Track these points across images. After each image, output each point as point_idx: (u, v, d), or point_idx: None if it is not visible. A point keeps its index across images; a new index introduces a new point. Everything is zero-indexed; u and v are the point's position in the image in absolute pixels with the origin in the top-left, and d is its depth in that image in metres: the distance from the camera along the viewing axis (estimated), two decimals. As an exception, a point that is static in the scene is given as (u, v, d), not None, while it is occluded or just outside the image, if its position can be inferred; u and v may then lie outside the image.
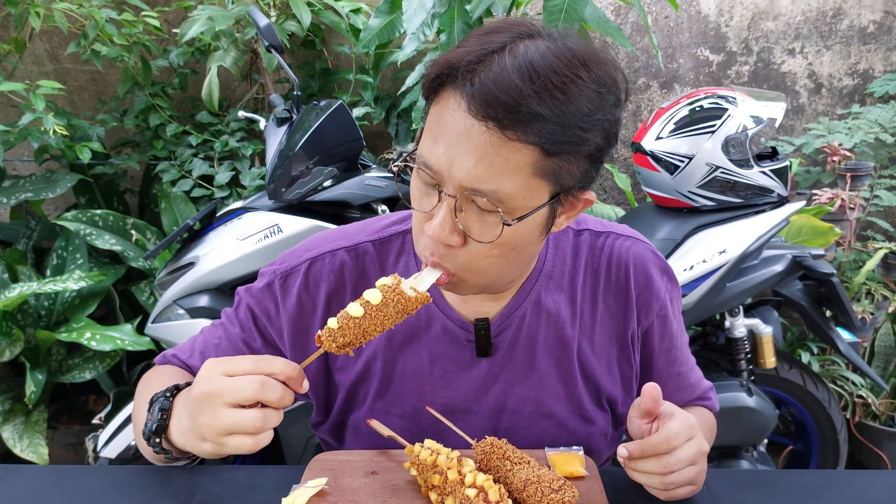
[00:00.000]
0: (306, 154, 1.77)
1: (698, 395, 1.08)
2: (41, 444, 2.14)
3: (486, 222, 0.75)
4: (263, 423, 0.69)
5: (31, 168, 2.77)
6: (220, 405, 0.70)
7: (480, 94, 0.69)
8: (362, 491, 0.83)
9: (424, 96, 0.79)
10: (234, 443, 0.70)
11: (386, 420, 0.94)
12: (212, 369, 0.73)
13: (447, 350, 0.94)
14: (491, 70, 0.69)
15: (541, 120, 0.69)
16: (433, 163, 0.74)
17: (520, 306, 0.93)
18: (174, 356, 1.02)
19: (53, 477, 0.93)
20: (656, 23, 2.81)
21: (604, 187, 2.99)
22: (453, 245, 0.76)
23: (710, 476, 0.86)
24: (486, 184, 0.72)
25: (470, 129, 0.70)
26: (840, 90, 2.85)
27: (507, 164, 0.71)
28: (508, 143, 0.70)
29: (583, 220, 0.99)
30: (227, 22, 2.23)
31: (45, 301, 2.37)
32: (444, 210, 0.75)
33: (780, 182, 1.90)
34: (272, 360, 0.72)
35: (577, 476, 0.85)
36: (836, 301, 1.94)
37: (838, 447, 2.15)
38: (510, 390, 0.94)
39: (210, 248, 1.77)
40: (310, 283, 0.94)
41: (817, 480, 0.90)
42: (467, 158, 0.71)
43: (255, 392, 0.69)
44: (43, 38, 2.70)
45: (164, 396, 0.80)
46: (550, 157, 0.72)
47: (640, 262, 0.96)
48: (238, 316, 0.98)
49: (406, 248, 0.95)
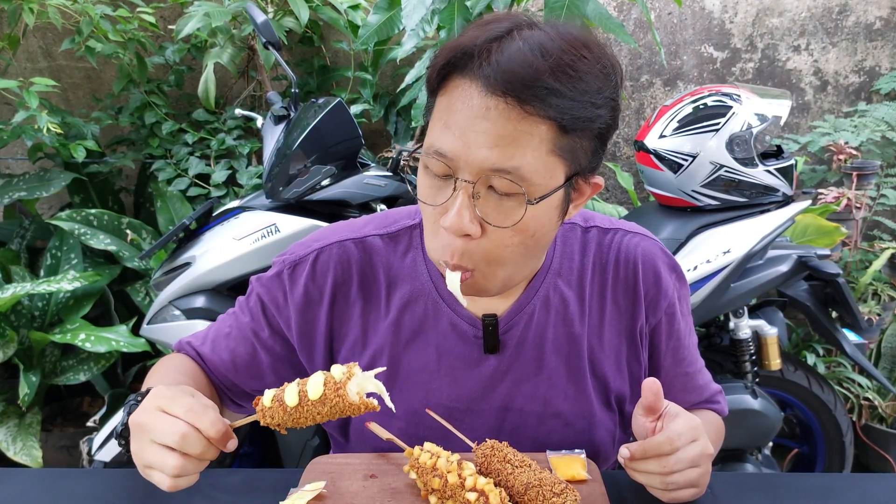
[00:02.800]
0: (304, 152, 1.76)
1: (706, 398, 1.07)
2: (35, 447, 2.13)
3: (504, 207, 0.75)
4: (181, 471, 0.70)
5: (24, 167, 2.77)
6: (146, 440, 0.71)
7: (498, 72, 0.70)
8: (361, 494, 0.82)
9: (430, 88, 0.78)
10: (154, 478, 0.72)
11: (390, 419, 0.92)
12: (151, 401, 0.74)
13: (455, 346, 0.93)
14: (505, 50, 0.71)
15: (558, 95, 0.71)
16: (447, 150, 0.74)
17: (529, 303, 0.93)
18: (188, 343, 1.02)
19: (47, 480, 0.93)
20: (659, 19, 2.81)
21: (606, 186, 2.99)
22: (472, 235, 0.76)
23: (714, 479, 0.85)
24: (509, 161, 0.72)
25: (488, 109, 0.71)
26: (846, 87, 2.85)
27: (528, 139, 0.72)
28: (528, 118, 0.71)
29: (590, 217, 0.99)
30: (223, 18, 2.21)
31: (39, 302, 2.37)
32: (461, 197, 0.74)
33: (786, 181, 1.90)
34: (203, 414, 0.71)
35: (578, 480, 0.84)
36: (842, 302, 1.94)
37: (844, 450, 2.14)
38: (517, 388, 0.94)
39: (206, 248, 1.76)
40: (317, 274, 0.94)
41: (823, 484, 0.90)
42: (486, 139, 0.72)
43: (175, 442, 0.70)
44: (37, 35, 2.69)
45: (136, 401, 0.81)
46: (566, 133, 0.74)
47: (650, 258, 0.96)
48: (249, 305, 0.99)
49: (414, 244, 0.95)
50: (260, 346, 0.97)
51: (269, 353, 0.97)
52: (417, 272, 0.93)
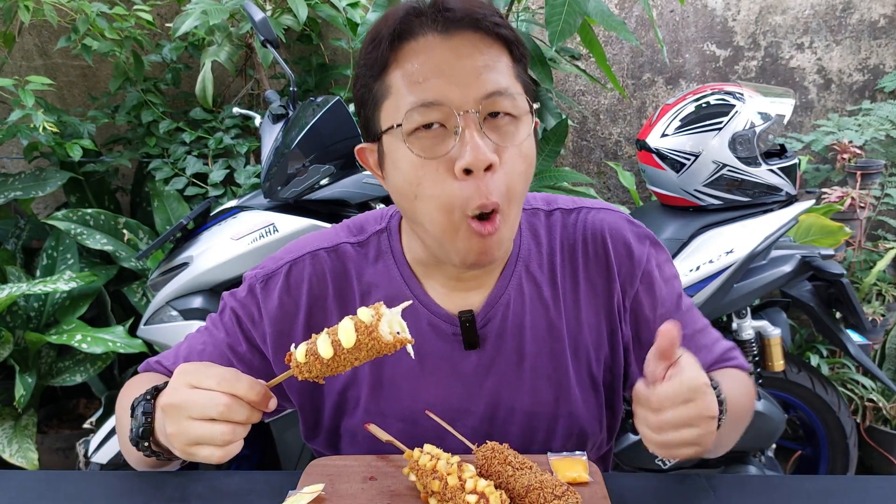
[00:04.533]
0: (302, 151, 1.75)
1: (718, 356, 1.03)
2: (31, 449, 2.12)
3: (507, 131, 0.79)
4: (232, 437, 0.71)
5: (20, 166, 2.76)
6: (185, 418, 0.71)
7: (455, 14, 0.77)
8: (360, 497, 0.82)
9: (378, 69, 0.80)
10: (202, 453, 0.71)
11: (383, 423, 0.93)
12: (179, 379, 0.74)
13: (435, 346, 0.93)
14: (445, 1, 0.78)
15: (504, 27, 0.79)
16: (435, 96, 0.76)
17: (503, 293, 0.93)
18: (158, 363, 1.01)
19: (43, 483, 0.93)
20: (661, 17, 2.81)
21: (608, 186, 2.97)
22: (493, 165, 0.77)
23: (716, 481, 0.85)
24: (497, 84, 0.77)
25: (457, 47, 0.77)
26: (850, 86, 2.84)
27: (499, 65, 0.79)
28: (493, 45, 0.79)
29: (553, 200, 1.00)
30: (221, 16, 2.20)
31: (35, 302, 2.36)
32: (470, 131, 0.76)
33: (789, 180, 1.89)
34: (237, 381, 0.72)
35: (580, 482, 0.83)
36: (846, 302, 1.93)
37: (848, 452, 2.13)
38: (502, 381, 0.94)
39: (204, 248, 1.75)
40: (291, 286, 0.94)
41: (826, 486, 0.89)
42: (469, 72, 0.76)
43: (220, 414, 0.70)
44: (32, 33, 2.68)
45: (146, 399, 0.80)
46: (517, 63, 0.81)
47: (617, 231, 0.96)
48: (223, 320, 0.98)
49: (383, 249, 0.95)
50: (237, 361, 0.96)
51: (246, 366, 0.96)
52: (390, 276, 0.94)
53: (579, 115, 2.88)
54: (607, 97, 2.89)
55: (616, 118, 2.91)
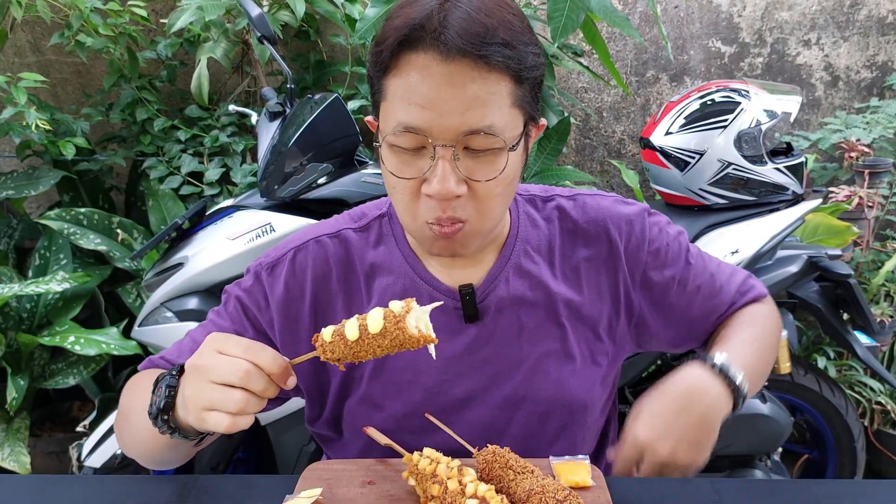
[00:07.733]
0: (300, 150, 1.74)
1: (733, 296, 1.06)
2: (23, 453, 2.12)
3: (484, 161, 0.80)
4: (245, 406, 0.72)
5: (12, 164, 2.75)
6: (205, 381, 0.73)
7: (455, 36, 0.74)
8: (359, 501, 0.82)
9: (378, 71, 0.80)
10: (212, 419, 0.72)
11: (382, 405, 0.96)
12: (207, 346, 0.76)
13: (436, 319, 0.93)
14: (452, 16, 0.75)
15: (510, 48, 0.77)
16: (418, 123, 0.77)
17: (503, 270, 0.97)
18: (162, 359, 1.02)
19: (36, 486, 0.93)
20: (665, 13, 2.78)
21: (611, 184, 2.95)
22: (461, 195, 0.80)
23: (722, 486, 0.86)
24: (483, 121, 0.77)
25: (451, 74, 0.75)
26: (858, 83, 2.82)
27: (494, 97, 0.77)
28: (490, 74, 0.76)
29: (550, 190, 1.03)
30: (217, 12, 2.19)
31: (28, 303, 2.35)
32: (443, 163, 0.78)
33: (795, 179, 1.88)
34: (261, 351, 0.74)
35: (582, 486, 0.83)
36: (854, 303, 1.92)
37: (856, 456, 2.12)
38: (501, 351, 0.97)
39: (200, 248, 1.74)
40: (296, 270, 0.97)
41: (834, 491, 0.89)
42: (456, 103, 0.76)
43: (238, 379, 0.72)
44: (25, 29, 2.66)
45: (171, 375, 0.82)
46: (520, 84, 0.79)
47: (614, 211, 1.00)
48: (227, 310, 1.00)
49: (384, 232, 0.99)
50: None
51: None
52: (392, 257, 0.97)
53: (582, 113, 2.86)
54: (610, 94, 2.87)
55: (619, 116, 2.88)
